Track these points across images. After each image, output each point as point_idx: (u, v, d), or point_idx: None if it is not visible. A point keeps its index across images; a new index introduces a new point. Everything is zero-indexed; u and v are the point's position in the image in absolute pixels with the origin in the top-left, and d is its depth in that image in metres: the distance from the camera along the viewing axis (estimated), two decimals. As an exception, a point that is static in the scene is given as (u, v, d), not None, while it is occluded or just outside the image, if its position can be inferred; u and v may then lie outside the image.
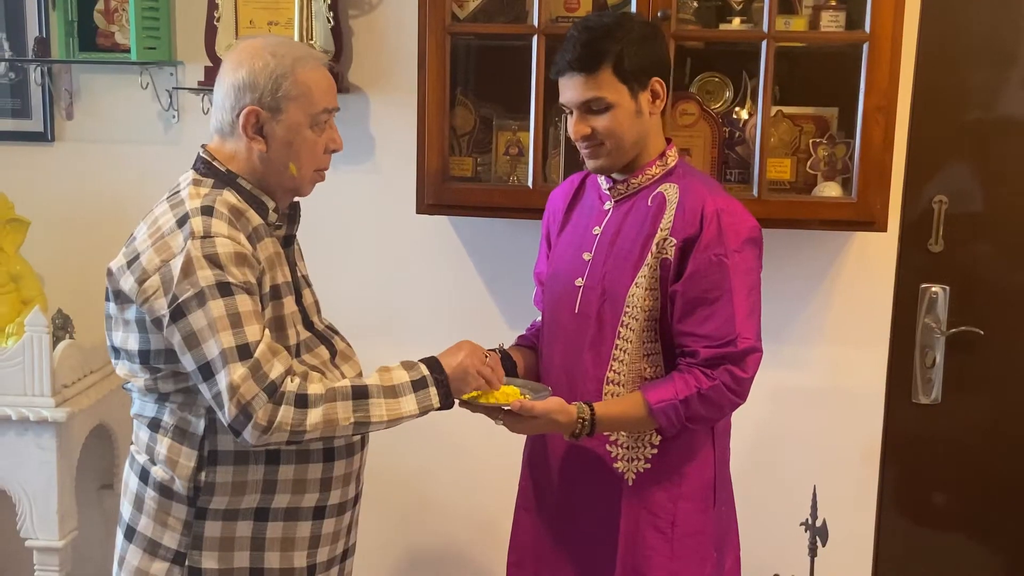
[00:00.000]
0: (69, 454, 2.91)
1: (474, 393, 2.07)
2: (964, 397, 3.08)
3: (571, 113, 2.17)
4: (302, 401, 1.86)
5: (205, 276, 1.84)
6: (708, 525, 2.24)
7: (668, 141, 2.23)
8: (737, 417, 2.26)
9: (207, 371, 1.85)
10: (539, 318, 2.44)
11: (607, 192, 2.24)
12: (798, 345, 3.03)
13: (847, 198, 2.74)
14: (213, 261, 1.85)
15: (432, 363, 2.01)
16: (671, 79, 2.21)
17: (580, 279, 2.23)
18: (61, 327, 3.02)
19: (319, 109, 1.99)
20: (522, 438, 2.39)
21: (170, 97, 3.11)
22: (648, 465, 2.20)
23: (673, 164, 2.21)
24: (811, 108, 2.87)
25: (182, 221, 1.90)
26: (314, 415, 1.87)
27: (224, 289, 1.85)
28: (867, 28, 2.63)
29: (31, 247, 3.06)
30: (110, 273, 1.97)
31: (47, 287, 3.10)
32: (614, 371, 2.17)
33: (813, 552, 2.71)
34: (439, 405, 1.99)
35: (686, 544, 2.21)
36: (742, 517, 2.39)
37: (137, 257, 1.90)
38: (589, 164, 2.20)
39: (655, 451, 2.19)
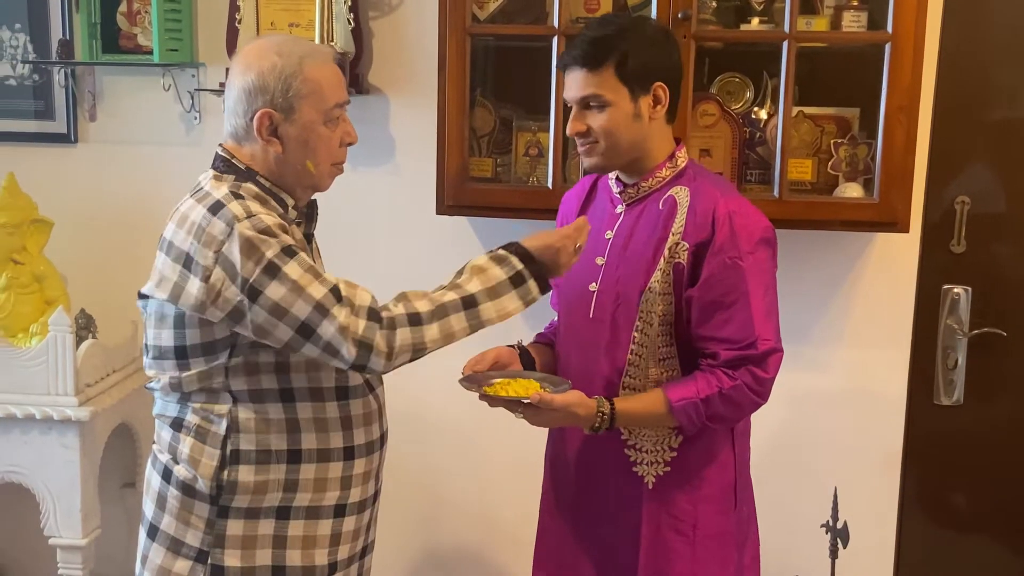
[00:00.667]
0: (92, 453, 2.94)
1: (495, 385, 2.08)
2: (986, 398, 3.06)
3: (570, 109, 2.17)
4: (415, 319, 1.92)
5: (269, 247, 1.87)
6: (729, 527, 2.23)
7: (678, 142, 2.22)
8: (758, 418, 2.26)
9: (307, 330, 1.87)
10: (556, 318, 2.45)
11: (618, 196, 2.24)
12: (819, 347, 3.02)
13: (869, 199, 2.72)
14: (267, 233, 1.88)
15: (522, 254, 2.03)
16: (679, 85, 2.19)
17: (594, 284, 2.22)
18: (84, 327, 3.05)
19: (331, 104, 2.00)
20: (541, 439, 2.40)
21: (192, 98, 3.13)
22: (668, 468, 2.19)
23: (683, 165, 2.20)
24: (832, 108, 2.86)
25: (215, 208, 1.91)
26: (431, 331, 1.93)
27: (289, 251, 1.89)
28: (889, 28, 2.61)
29: (54, 247, 3.08)
30: (153, 275, 1.97)
31: (70, 287, 3.12)
32: (629, 376, 2.17)
33: (834, 554, 2.69)
34: (540, 294, 2.03)
35: (708, 546, 2.20)
36: (763, 518, 2.38)
37: (192, 259, 1.90)
38: (584, 162, 2.20)
39: (674, 454, 2.18)
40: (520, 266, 2.00)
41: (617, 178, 2.24)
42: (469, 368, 2.21)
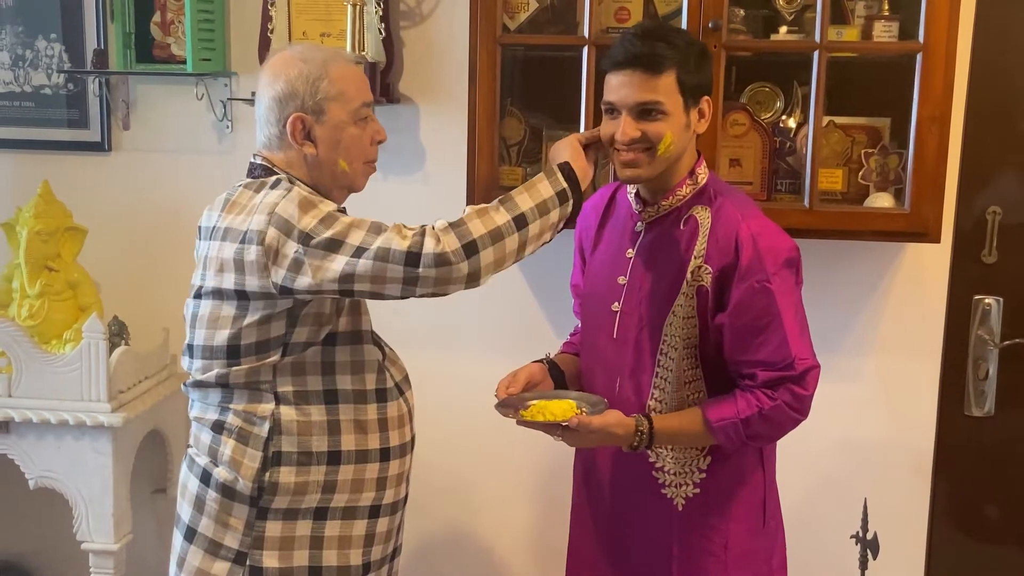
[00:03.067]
0: (124, 458, 2.96)
1: (532, 409, 2.08)
2: (1018, 409, 3.03)
3: (611, 112, 2.09)
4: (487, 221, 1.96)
5: (326, 205, 1.94)
6: (759, 544, 2.22)
7: (698, 154, 2.19)
8: (788, 429, 2.25)
9: (360, 250, 1.88)
10: (579, 324, 2.44)
11: (638, 213, 2.21)
12: (850, 357, 3.00)
13: (900, 209, 2.71)
14: (324, 201, 1.95)
15: (569, 174, 2.06)
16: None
17: (617, 304, 2.20)
18: (117, 333, 3.07)
19: (358, 104, 2.05)
20: (569, 451, 2.39)
21: (224, 108, 3.16)
22: (697, 490, 2.18)
23: (704, 181, 2.17)
24: (863, 118, 2.85)
25: (274, 185, 1.97)
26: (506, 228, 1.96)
27: (343, 211, 1.95)
28: (921, 38, 2.61)
29: (88, 255, 3.12)
30: (209, 267, 2.00)
31: (103, 294, 3.15)
32: (655, 399, 2.16)
33: (864, 565, 2.68)
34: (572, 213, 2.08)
35: (739, 564, 2.19)
36: (792, 529, 2.38)
37: (246, 231, 1.93)
38: (625, 172, 2.09)
39: (703, 475, 2.18)
40: (565, 184, 2.05)
41: (637, 193, 2.21)
42: (502, 390, 2.19)
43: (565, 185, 2.03)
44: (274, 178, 2.00)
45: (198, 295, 2.04)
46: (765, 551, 2.24)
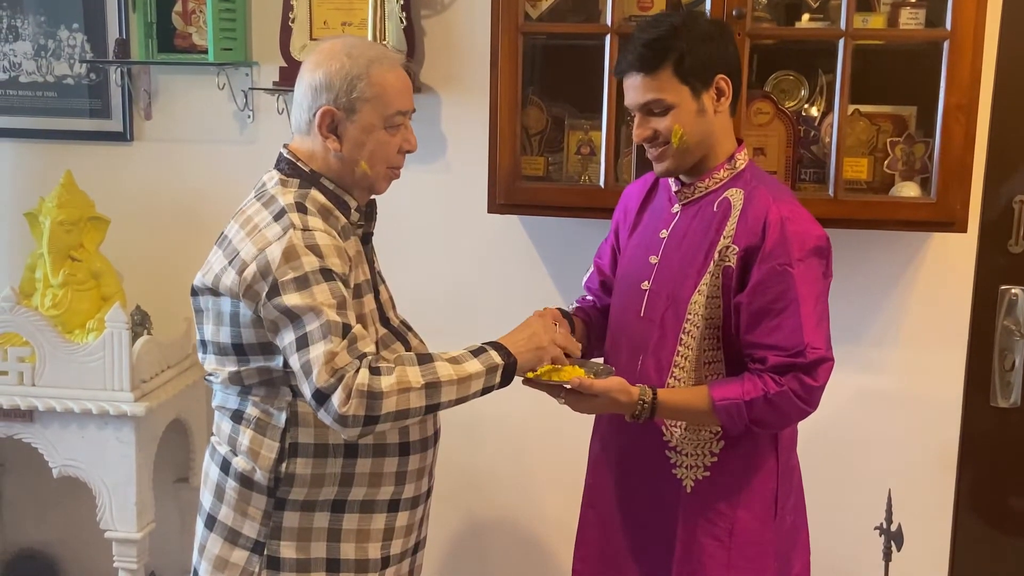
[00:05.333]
0: (147, 447, 2.98)
1: (539, 371, 2.08)
2: (1044, 401, 3.01)
3: (632, 116, 2.16)
4: (376, 372, 1.89)
5: (309, 262, 1.89)
6: (768, 535, 2.20)
7: (740, 142, 2.20)
8: (812, 420, 2.23)
9: (304, 341, 1.87)
10: (586, 296, 2.46)
11: (675, 194, 2.22)
12: (875, 347, 2.98)
13: (926, 198, 2.69)
14: (315, 251, 1.90)
15: (502, 351, 2.01)
16: (740, 77, 2.17)
17: (646, 282, 2.21)
18: (140, 323, 3.08)
19: (393, 111, 2.02)
20: (586, 438, 2.39)
21: (246, 97, 3.16)
22: (707, 473, 2.17)
23: (742, 167, 2.17)
24: (888, 107, 2.82)
25: (279, 215, 1.94)
26: (387, 381, 1.88)
27: (327, 275, 1.90)
28: (948, 25, 2.58)
29: (111, 244, 3.13)
30: (206, 271, 2.01)
31: (126, 284, 3.17)
32: (675, 377, 2.15)
33: (888, 557, 2.67)
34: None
35: (744, 554, 2.18)
36: (815, 520, 2.36)
37: (237, 254, 1.94)
38: (656, 168, 2.17)
39: (715, 459, 2.17)
40: (499, 361, 2.00)
41: (677, 176, 2.22)
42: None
43: (497, 383, 2.00)
44: (283, 200, 1.96)
45: (194, 292, 2.05)
46: (775, 545, 2.21)
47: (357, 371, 1.86)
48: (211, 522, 2.09)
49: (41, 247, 3.05)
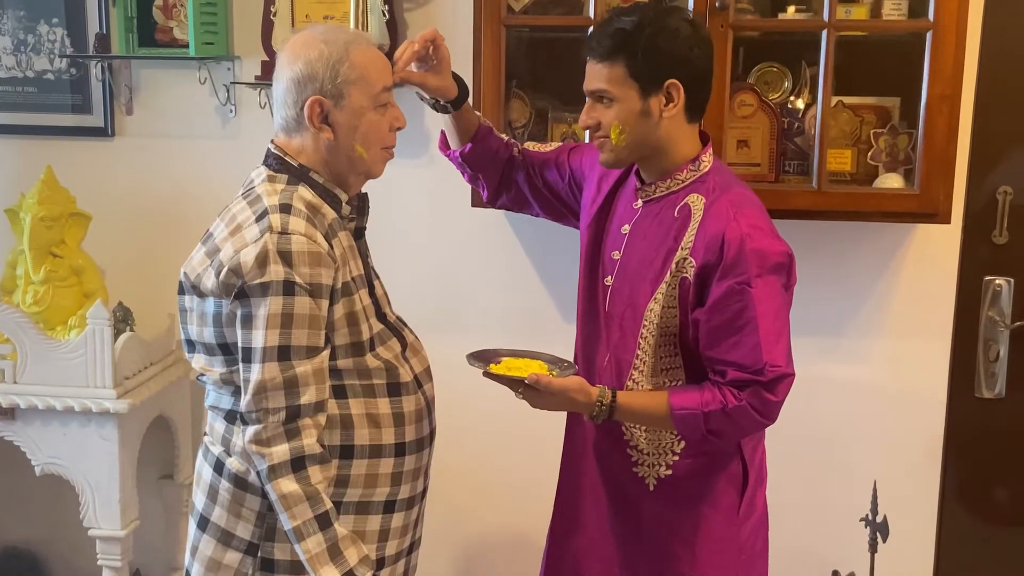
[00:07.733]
0: (130, 445, 2.96)
1: (502, 365, 2.08)
2: (1029, 392, 3.02)
3: None
4: (303, 462, 1.91)
5: (276, 271, 1.88)
6: (732, 534, 2.20)
7: (706, 143, 2.16)
8: (797, 412, 2.24)
9: (247, 355, 1.91)
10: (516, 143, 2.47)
11: (636, 191, 2.20)
12: (859, 339, 2.99)
13: (910, 189, 2.69)
14: (285, 258, 1.88)
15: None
16: (705, 83, 2.11)
17: (609, 278, 2.21)
18: (122, 320, 3.07)
19: (379, 89, 2.01)
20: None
21: (228, 92, 3.14)
22: (669, 472, 2.17)
23: (707, 169, 2.14)
24: (872, 98, 2.82)
25: (261, 216, 1.93)
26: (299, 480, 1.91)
27: (288, 288, 1.88)
28: (931, 16, 2.58)
29: (92, 241, 3.10)
30: (189, 269, 2.00)
31: (108, 280, 3.14)
32: (633, 380, 2.15)
33: (873, 548, 2.67)
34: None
35: (711, 550, 2.18)
36: (801, 512, 2.37)
37: (217, 252, 1.94)
38: (599, 157, 2.16)
39: (676, 458, 2.16)
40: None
41: (638, 172, 2.20)
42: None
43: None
44: (267, 200, 1.95)
45: (181, 290, 2.04)
46: (740, 544, 2.21)
47: (284, 423, 1.89)
48: (204, 523, 2.06)
49: (22, 243, 3.02)
